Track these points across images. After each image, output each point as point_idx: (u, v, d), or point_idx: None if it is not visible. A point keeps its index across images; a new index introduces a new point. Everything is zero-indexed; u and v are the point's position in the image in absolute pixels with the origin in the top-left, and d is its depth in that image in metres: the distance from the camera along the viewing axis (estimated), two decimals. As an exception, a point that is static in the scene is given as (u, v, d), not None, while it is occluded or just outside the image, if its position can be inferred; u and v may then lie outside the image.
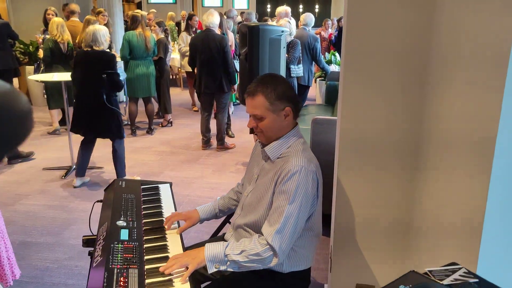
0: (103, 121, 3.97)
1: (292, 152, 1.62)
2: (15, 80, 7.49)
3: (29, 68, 7.04)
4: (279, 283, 1.66)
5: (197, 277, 1.78)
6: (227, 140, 5.55)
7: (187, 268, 1.54)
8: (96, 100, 3.88)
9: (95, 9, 6.94)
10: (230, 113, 6.27)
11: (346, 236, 1.92)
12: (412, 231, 1.82)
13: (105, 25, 6.55)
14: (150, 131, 6.07)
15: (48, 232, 3.34)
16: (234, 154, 5.27)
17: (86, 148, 4.21)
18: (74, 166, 4.62)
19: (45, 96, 5.92)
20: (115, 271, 1.47)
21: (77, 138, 5.75)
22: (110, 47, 6.09)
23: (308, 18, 5.67)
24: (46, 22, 6.40)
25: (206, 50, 4.79)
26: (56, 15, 6.15)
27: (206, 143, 5.43)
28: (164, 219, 1.91)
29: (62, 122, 6.08)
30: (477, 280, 0.89)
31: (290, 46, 5.04)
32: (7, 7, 8.17)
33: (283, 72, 3.14)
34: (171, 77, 7.77)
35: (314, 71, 6.16)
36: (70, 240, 3.22)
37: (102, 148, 5.41)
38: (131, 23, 5.63)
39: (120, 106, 4.18)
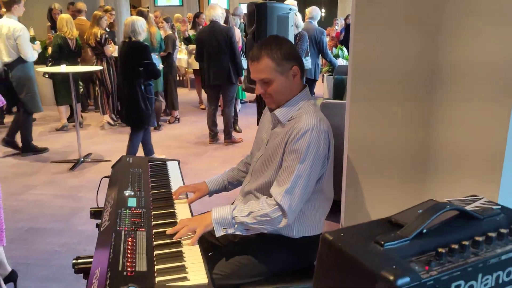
0: (135, 110, 4.08)
1: (303, 113, 1.58)
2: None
3: (36, 67, 7.08)
4: (289, 249, 1.63)
5: (205, 245, 1.75)
6: (235, 134, 5.54)
7: (195, 232, 1.51)
8: (130, 90, 4.01)
9: (103, 7, 7.00)
10: (238, 110, 6.26)
11: (357, 221, 1.88)
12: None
13: (111, 23, 6.61)
14: (157, 127, 6.07)
15: (56, 219, 3.33)
16: (242, 147, 5.25)
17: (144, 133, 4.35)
18: (82, 159, 4.64)
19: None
20: (123, 233, 1.45)
21: (85, 135, 5.79)
22: (116, 44, 6.09)
23: (314, 11, 5.66)
24: (52, 19, 6.45)
25: (213, 42, 4.79)
26: (61, 12, 6.20)
27: (213, 138, 5.41)
28: (172, 190, 1.89)
29: (71, 119, 6.11)
30: (499, 207, 0.86)
31: (298, 38, 5.02)
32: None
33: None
34: (178, 78, 7.80)
35: (321, 65, 6.14)
36: (79, 227, 3.21)
37: (110, 142, 5.43)
38: None
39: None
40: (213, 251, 1.73)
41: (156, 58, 4.33)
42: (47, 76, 5.86)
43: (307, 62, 5.13)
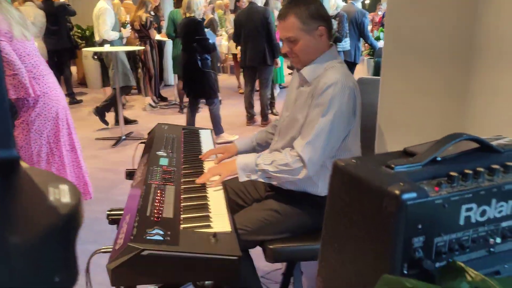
0: (197, 83, 4.39)
1: (329, 69, 1.59)
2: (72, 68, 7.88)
3: (86, 52, 7.38)
4: (314, 207, 1.62)
5: (234, 207, 1.79)
6: (271, 117, 5.55)
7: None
8: (190, 64, 4.33)
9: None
10: (276, 94, 6.26)
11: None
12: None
13: (156, 7, 6.77)
14: (180, 109, 6.14)
15: (98, 190, 3.49)
16: (279, 129, 5.25)
17: (191, 110, 4.71)
18: (124, 137, 4.82)
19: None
20: (153, 186, 1.51)
21: (127, 115, 5.95)
22: (160, 28, 6.22)
23: (357, -8, 5.54)
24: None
25: (250, 23, 4.81)
26: (115, -2, 6.40)
27: (250, 119, 5.45)
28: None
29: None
30: (522, 144, 0.82)
31: (338, 21, 4.95)
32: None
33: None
34: (218, 65, 7.89)
35: (361, 48, 6.02)
36: (118, 197, 3.36)
37: (151, 122, 5.60)
38: (177, 1, 5.78)
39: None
40: (239, 210, 1.76)
41: (211, 34, 4.50)
42: (96, 57, 6.10)
43: (346, 44, 5.05)
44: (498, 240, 0.70)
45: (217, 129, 4.62)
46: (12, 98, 2.08)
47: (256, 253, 1.80)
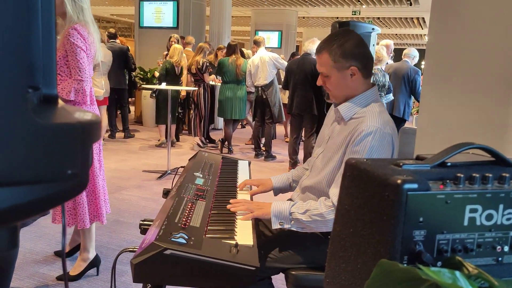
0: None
1: (368, 113, 1.55)
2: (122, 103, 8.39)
3: (145, 92, 7.90)
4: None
5: (261, 237, 1.80)
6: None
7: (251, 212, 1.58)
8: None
9: (208, 42, 7.66)
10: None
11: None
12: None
13: (216, 54, 7.20)
14: (229, 151, 6.29)
15: (139, 216, 3.62)
16: (321, 178, 5.23)
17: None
18: (169, 171, 5.00)
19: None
20: (185, 199, 1.58)
21: (176, 152, 6.19)
22: (210, 73, 6.52)
23: (411, 51, 5.62)
24: (168, 48, 7.23)
25: (301, 72, 4.98)
26: (178, 42, 6.89)
27: (293, 166, 5.48)
28: (238, 182, 1.99)
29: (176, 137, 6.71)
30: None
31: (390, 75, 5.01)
32: (135, 41, 9.42)
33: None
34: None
35: (412, 104, 5.98)
36: (156, 224, 3.45)
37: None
38: (227, 50, 6.16)
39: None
40: (265, 238, 1.77)
41: None
42: (154, 95, 6.53)
43: (389, 95, 5.06)
44: (506, 248, 0.69)
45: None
46: (70, 99, 2.23)
47: None
